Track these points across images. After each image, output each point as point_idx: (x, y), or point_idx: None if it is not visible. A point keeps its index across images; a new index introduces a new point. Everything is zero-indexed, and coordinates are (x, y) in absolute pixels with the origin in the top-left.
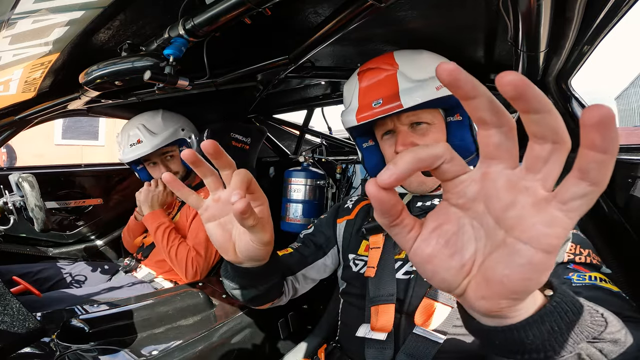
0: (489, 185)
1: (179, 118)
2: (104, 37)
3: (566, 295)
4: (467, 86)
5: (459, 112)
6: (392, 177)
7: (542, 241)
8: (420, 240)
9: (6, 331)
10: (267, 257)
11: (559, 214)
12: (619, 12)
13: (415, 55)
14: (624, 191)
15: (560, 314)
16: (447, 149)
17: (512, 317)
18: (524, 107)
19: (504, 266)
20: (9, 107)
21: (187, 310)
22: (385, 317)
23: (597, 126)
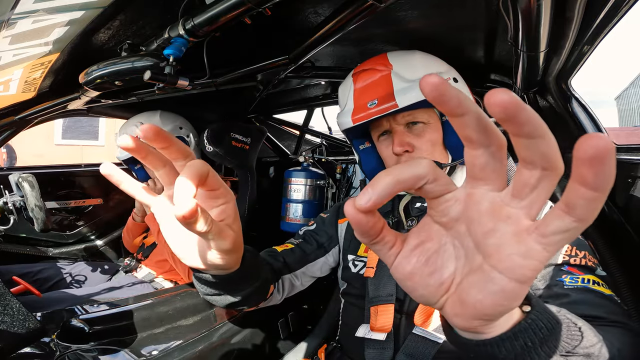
0: (472, 208)
1: (176, 117)
2: (104, 37)
3: (542, 312)
4: (453, 102)
5: None
6: (370, 202)
7: (516, 272)
8: (402, 257)
9: (6, 331)
10: (235, 264)
11: (537, 247)
12: (619, 12)
13: (408, 55)
14: (624, 191)
15: (535, 331)
16: (430, 168)
17: (487, 333)
18: (515, 130)
19: (478, 291)
20: (9, 107)
21: (187, 310)
22: (384, 318)
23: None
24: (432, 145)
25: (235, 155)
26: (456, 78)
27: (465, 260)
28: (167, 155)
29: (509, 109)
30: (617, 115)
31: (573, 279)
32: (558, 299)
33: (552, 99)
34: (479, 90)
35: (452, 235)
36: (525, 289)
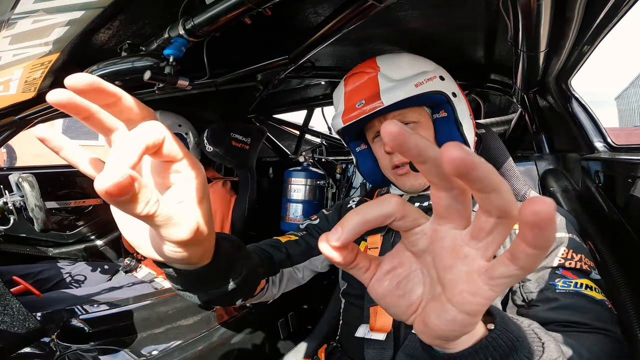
0: (436, 243)
1: (176, 116)
2: (104, 37)
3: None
4: (412, 152)
5: (444, 108)
6: (340, 241)
7: (465, 307)
8: (375, 280)
9: (6, 331)
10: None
11: (485, 287)
12: (619, 12)
13: (396, 57)
14: (624, 191)
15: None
16: (398, 207)
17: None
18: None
19: (435, 317)
20: (9, 107)
21: (187, 310)
22: (384, 318)
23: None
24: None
25: (235, 155)
26: (442, 76)
27: (430, 288)
28: (117, 115)
29: (460, 167)
30: (617, 115)
31: (566, 282)
32: (548, 303)
33: (552, 99)
34: (479, 90)
35: (421, 264)
36: (475, 320)
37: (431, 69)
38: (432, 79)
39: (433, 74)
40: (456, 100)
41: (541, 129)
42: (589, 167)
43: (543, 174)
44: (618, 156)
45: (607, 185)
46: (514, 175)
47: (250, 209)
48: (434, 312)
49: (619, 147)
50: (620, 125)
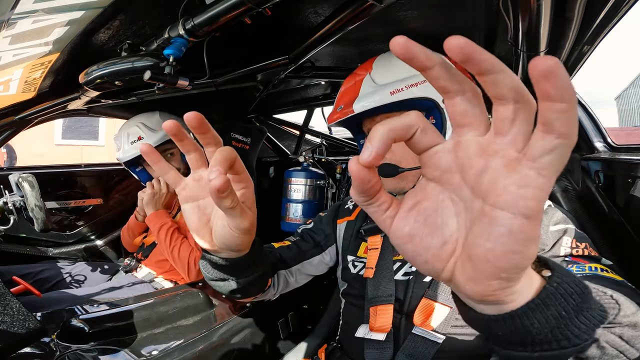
0: (461, 154)
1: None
2: (104, 37)
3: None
4: (421, 57)
5: (433, 114)
6: (372, 155)
7: (518, 204)
8: (398, 219)
9: (6, 331)
10: (247, 247)
11: (531, 173)
12: (619, 12)
13: (392, 57)
14: (624, 191)
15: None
16: (419, 117)
17: (510, 302)
18: (476, 69)
19: (486, 239)
20: (9, 107)
21: (187, 310)
22: (383, 318)
23: (545, 76)
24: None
25: None
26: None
27: (466, 214)
28: (202, 141)
29: (465, 49)
30: (617, 115)
31: (580, 267)
32: None
33: None
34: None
35: (449, 190)
36: (536, 228)
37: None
38: (419, 83)
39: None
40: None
41: None
42: (589, 167)
43: None
44: (618, 156)
45: (607, 185)
46: None
47: None
48: (482, 235)
49: (619, 147)
50: (620, 125)
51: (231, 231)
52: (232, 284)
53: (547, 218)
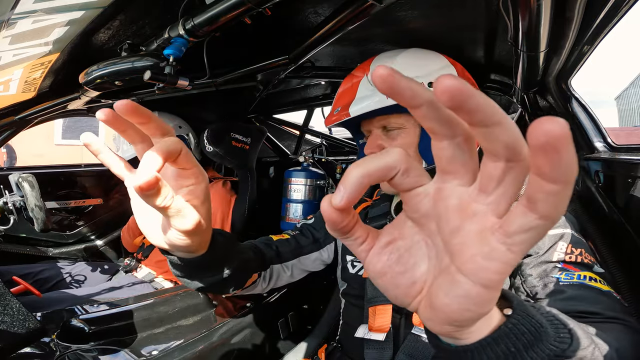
0: (440, 204)
1: (175, 117)
2: (104, 37)
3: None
4: (407, 93)
5: None
6: (343, 201)
7: (480, 275)
8: (372, 254)
9: (6, 331)
10: (200, 248)
11: (501, 248)
12: (619, 12)
13: (390, 59)
14: (624, 191)
15: (517, 335)
16: (401, 158)
17: (465, 339)
18: (467, 119)
19: (444, 294)
20: (9, 107)
21: (187, 310)
22: (382, 318)
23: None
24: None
25: (235, 155)
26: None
27: (436, 261)
28: (146, 131)
29: (456, 95)
30: (617, 115)
31: (568, 275)
32: (554, 295)
33: (552, 99)
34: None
35: (424, 233)
36: (493, 294)
37: (424, 73)
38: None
39: (422, 80)
40: None
41: None
42: (589, 167)
43: None
44: (618, 156)
45: (607, 185)
46: None
47: (250, 209)
48: (442, 289)
49: (619, 147)
50: (620, 125)
51: (173, 232)
52: (196, 283)
53: None
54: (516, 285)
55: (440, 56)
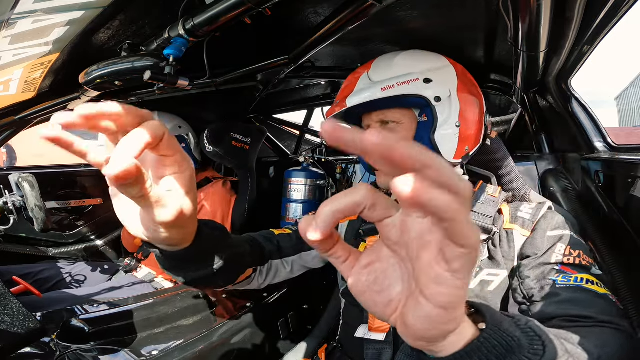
0: (405, 235)
1: (174, 117)
2: (104, 37)
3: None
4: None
5: (425, 112)
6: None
7: (436, 299)
8: (355, 273)
9: (6, 331)
10: (183, 242)
11: (447, 275)
12: (619, 12)
13: (390, 57)
14: (624, 191)
15: (489, 349)
16: (368, 194)
17: (440, 351)
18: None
19: (412, 315)
20: (9, 107)
21: (187, 310)
22: None
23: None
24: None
25: (235, 155)
26: (429, 79)
27: (408, 284)
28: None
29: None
30: (617, 115)
31: (565, 277)
32: (549, 298)
33: (552, 99)
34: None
35: (398, 258)
36: (453, 315)
37: (420, 69)
38: (411, 81)
39: (417, 76)
40: (442, 105)
41: (541, 129)
42: (589, 167)
43: (543, 174)
44: (618, 156)
45: (607, 185)
46: (514, 175)
47: (250, 209)
48: (410, 310)
49: (619, 147)
50: (620, 125)
51: (152, 224)
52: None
53: (545, 223)
54: (514, 287)
55: (440, 56)
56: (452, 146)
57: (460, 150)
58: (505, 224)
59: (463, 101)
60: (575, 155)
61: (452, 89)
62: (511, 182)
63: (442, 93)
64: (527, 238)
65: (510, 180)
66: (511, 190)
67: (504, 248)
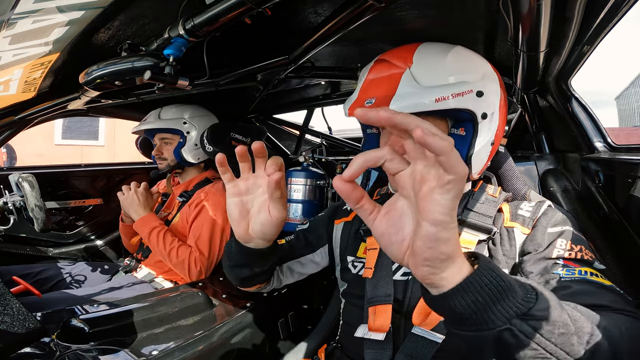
0: (414, 178)
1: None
2: (104, 37)
3: (488, 270)
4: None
5: (465, 127)
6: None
7: (430, 217)
8: (377, 220)
9: (6, 331)
10: (274, 239)
11: (438, 197)
12: (619, 12)
13: (441, 54)
14: (624, 191)
15: (481, 285)
16: (388, 150)
17: (442, 287)
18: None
19: (416, 239)
20: (9, 107)
21: (187, 310)
22: (382, 318)
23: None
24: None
25: (235, 155)
26: (482, 92)
27: (415, 221)
28: (257, 158)
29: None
30: (617, 115)
31: (569, 271)
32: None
33: (552, 99)
34: None
35: (409, 203)
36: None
37: (474, 79)
38: (466, 93)
39: (471, 87)
40: (484, 123)
41: (541, 129)
42: (589, 167)
43: (543, 174)
44: (618, 156)
45: (607, 185)
46: (514, 175)
47: None
48: (416, 235)
49: (619, 147)
50: (620, 125)
51: (272, 220)
52: (247, 271)
53: (546, 219)
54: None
55: (484, 60)
56: (481, 164)
57: (485, 166)
58: (506, 222)
59: (502, 118)
60: (575, 155)
61: (496, 104)
62: (511, 182)
63: (489, 110)
64: (528, 235)
65: (510, 180)
66: (511, 190)
67: (505, 246)
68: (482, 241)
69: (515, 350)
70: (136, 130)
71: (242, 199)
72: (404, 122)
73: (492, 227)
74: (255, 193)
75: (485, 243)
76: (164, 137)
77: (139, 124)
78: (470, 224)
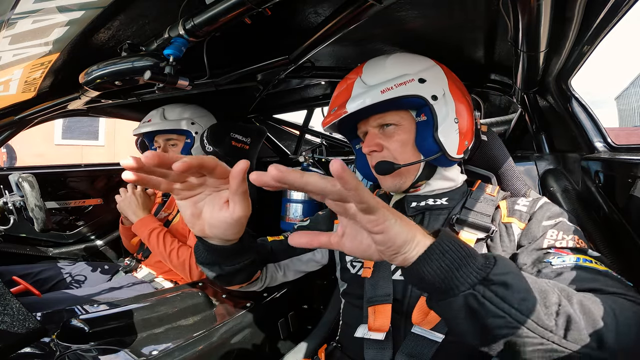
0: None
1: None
2: (104, 37)
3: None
4: (294, 185)
5: (424, 111)
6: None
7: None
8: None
9: (6, 331)
10: (235, 237)
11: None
12: (619, 12)
13: (380, 61)
14: (624, 191)
15: (443, 252)
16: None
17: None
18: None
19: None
20: (9, 107)
21: (187, 310)
22: (382, 318)
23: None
24: (402, 146)
25: (235, 155)
26: (423, 79)
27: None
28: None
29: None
30: (617, 115)
31: (560, 258)
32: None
33: (552, 99)
34: (479, 90)
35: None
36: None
37: (414, 71)
38: (407, 82)
39: (412, 77)
40: (438, 103)
41: (541, 129)
42: (589, 167)
43: (543, 174)
44: (618, 156)
45: (607, 185)
46: (514, 175)
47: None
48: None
49: (619, 147)
50: (620, 125)
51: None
52: (217, 269)
53: (541, 213)
54: None
55: (426, 58)
56: (454, 142)
57: (462, 145)
58: (503, 218)
59: (456, 98)
60: (575, 155)
61: (444, 87)
62: (511, 182)
63: (437, 91)
64: (523, 229)
65: (510, 180)
66: (511, 190)
67: (505, 242)
68: (480, 239)
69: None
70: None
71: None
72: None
73: (490, 226)
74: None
75: (484, 241)
76: (170, 138)
77: (142, 124)
78: (469, 222)
